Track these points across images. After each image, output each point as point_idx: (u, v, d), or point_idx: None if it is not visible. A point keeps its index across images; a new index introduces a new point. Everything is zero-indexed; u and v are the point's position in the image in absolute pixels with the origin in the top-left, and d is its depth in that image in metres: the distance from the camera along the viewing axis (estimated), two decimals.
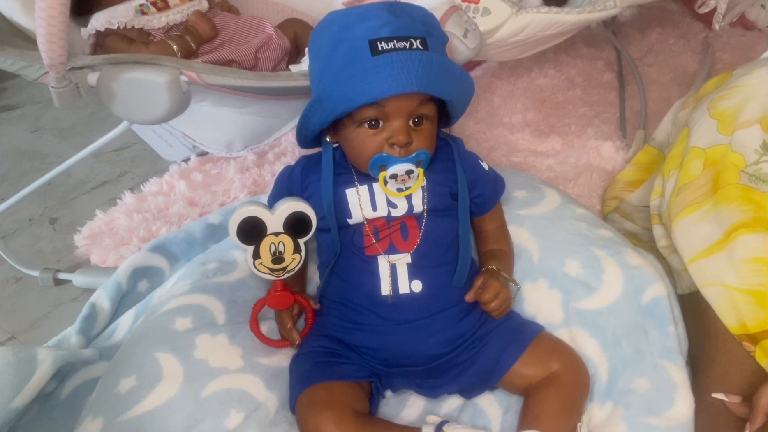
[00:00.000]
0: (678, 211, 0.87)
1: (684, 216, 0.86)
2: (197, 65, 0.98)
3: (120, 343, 0.89)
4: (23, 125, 1.81)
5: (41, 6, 0.77)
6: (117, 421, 0.73)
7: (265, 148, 1.43)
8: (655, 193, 0.97)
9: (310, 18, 1.44)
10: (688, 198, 0.87)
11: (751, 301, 0.76)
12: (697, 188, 0.87)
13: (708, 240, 0.82)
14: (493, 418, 0.81)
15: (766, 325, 0.74)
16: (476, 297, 0.81)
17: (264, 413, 0.76)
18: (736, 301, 0.77)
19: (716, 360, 0.79)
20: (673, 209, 0.88)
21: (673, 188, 0.91)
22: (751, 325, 0.75)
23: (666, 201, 0.92)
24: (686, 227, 0.85)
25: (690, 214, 0.85)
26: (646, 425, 0.74)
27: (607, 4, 1.13)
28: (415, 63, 0.71)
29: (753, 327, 0.75)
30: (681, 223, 0.86)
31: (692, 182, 0.88)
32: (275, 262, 0.80)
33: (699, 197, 0.86)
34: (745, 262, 0.77)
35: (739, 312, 0.76)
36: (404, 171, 0.76)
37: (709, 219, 0.83)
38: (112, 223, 1.28)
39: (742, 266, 0.77)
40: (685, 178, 0.89)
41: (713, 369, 0.78)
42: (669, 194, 0.91)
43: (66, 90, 0.90)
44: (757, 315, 0.75)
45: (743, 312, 0.76)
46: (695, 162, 0.89)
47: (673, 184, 0.91)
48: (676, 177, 0.91)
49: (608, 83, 1.61)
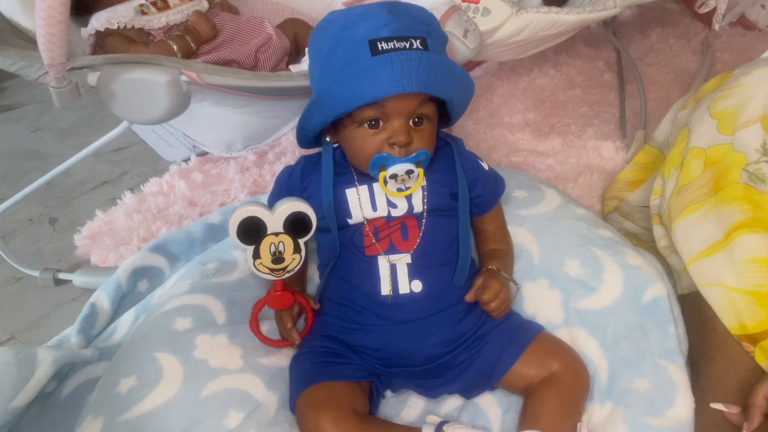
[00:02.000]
0: (678, 211, 0.87)
1: (684, 216, 0.86)
2: (197, 65, 0.98)
3: (120, 343, 0.89)
4: (23, 125, 1.81)
5: (41, 6, 0.78)
6: (117, 421, 0.73)
7: (265, 148, 1.43)
8: (655, 193, 0.97)
9: (310, 18, 1.44)
10: (688, 198, 0.87)
11: (750, 301, 0.76)
12: (698, 188, 0.87)
13: (708, 240, 0.81)
14: (493, 418, 0.81)
15: (765, 326, 0.74)
16: (476, 297, 0.81)
17: (264, 413, 0.76)
18: (736, 301, 0.77)
19: (715, 360, 0.79)
20: (674, 209, 0.88)
21: (673, 188, 0.91)
22: (750, 326, 0.75)
23: (666, 201, 0.92)
24: (686, 227, 0.85)
25: (690, 214, 0.85)
26: (646, 425, 0.74)
27: (607, 4, 1.13)
28: (415, 63, 0.71)
29: (752, 327, 0.75)
30: (681, 223, 0.86)
31: (693, 182, 0.88)
32: (275, 262, 0.80)
33: (699, 197, 0.86)
34: (744, 263, 0.77)
35: (738, 313, 0.76)
36: (404, 171, 0.76)
37: (710, 219, 0.82)
38: (112, 223, 1.28)
39: (741, 267, 0.77)
40: (686, 178, 0.89)
41: (711, 369, 0.78)
42: (669, 194, 0.91)
43: (66, 90, 0.90)
44: (756, 316, 0.75)
45: (743, 313, 0.76)
46: (696, 162, 0.89)
47: (673, 184, 0.91)
48: (677, 177, 0.91)
49: (608, 83, 1.61)
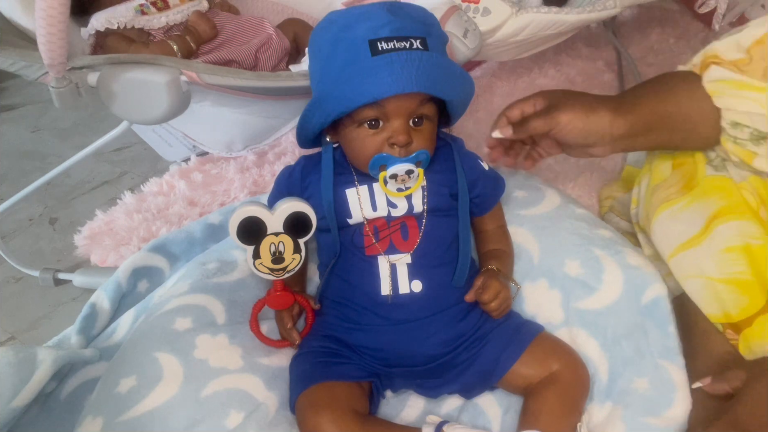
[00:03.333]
0: (654, 210, 0.88)
1: (661, 212, 0.87)
2: (197, 65, 0.98)
3: (120, 343, 0.89)
4: (23, 125, 1.81)
5: (41, 6, 0.77)
6: (117, 421, 0.73)
7: (265, 148, 1.43)
8: (633, 203, 0.98)
9: (310, 18, 1.44)
10: (662, 195, 0.88)
11: (733, 290, 0.76)
12: (669, 186, 0.88)
13: (687, 233, 0.82)
14: (493, 418, 0.81)
15: (749, 312, 0.75)
16: (476, 297, 0.81)
17: (264, 413, 0.76)
18: (719, 291, 0.77)
19: (695, 358, 0.79)
20: (650, 208, 0.89)
21: (645, 190, 0.92)
22: (734, 314, 0.76)
23: (641, 204, 0.93)
24: (663, 223, 0.86)
25: (666, 209, 0.86)
26: (644, 425, 0.74)
27: (607, 4, 1.13)
28: (415, 63, 0.71)
29: (736, 315, 0.76)
30: (658, 220, 0.87)
31: (664, 181, 0.89)
32: (275, 262, 0.80)
33: (672, 194, 0.87)
34: (722, 252, 0.78)
35: (722, 302, 0.77)
36: (404, 171, 0.76)
37: (688, 212, 0.83)
38: (112, 223, 1.28)
39: (719, 256, 0.78)
40: (657, 178, 0.91)
41: (694, 365, 0.79)
42: (643, 197, 0.93)
43: (66, 90, 0.90)
44: (739, 302, 0.76)
45: (726, 302, 0.76)
46: (664, 164, 0.91)
47: (645, 187, 0.93)
48: (648, 179, 0.93)
49: (608, 83, 1.60)
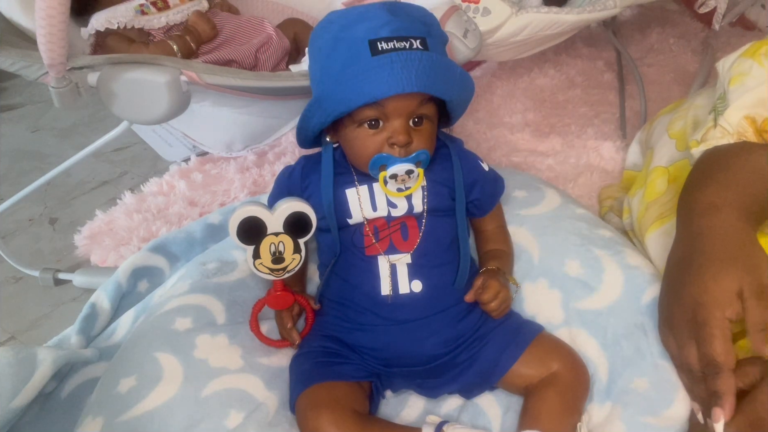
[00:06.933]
0: (648, 225, 0.89)
1: (654, 229, 0.88)
2: (197, 65, 0.98)
3: (120, 343, 0.89)
4: (23, 125, 1.81)
5: (41, 6, 0.78)
6: (117, 421, 0.73)
7: (265, 148, 1.43)
8: (625, 212, 0.99)
9: (310, 18, 1.44)
10: (656, 212, 0.89)
11: None
12: (664, 203, 0.89)
13: None
14: (493, 418, 0.81)
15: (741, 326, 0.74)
16: (476, 297, 0.81)
17: (264, 413, 0.76)
18: None
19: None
20: (643, 224, 0.90)
21: (639, 206, 0.93)
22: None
23: (635, 218, 0.94)
24: (657, 239, 0.87)
25: (660, 226, 0.87)
26: (644, 425, 0.74)
27: (607, 4, 1.13)
28: (415, 63, 0.71)
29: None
30: (652, 236, 0.88)
31: (658, 198, 0.90)
32: (275, 262, 0.80)
33: (666, 211, 0.87)
34: None
35: None
36: (404, 171, 0.76)
37: None
38: (112, 223, 1.28)
39: None
40: (651, 194, 0.92)
41: None
42: (636, 212, 0.94)
43: (66, 90, 0.90)
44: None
45: None
46: (660, 180, 0.92)
47: (638, 203, 0.93)
48: (641, 195, 0.94)
49: (608, 83, 1.61)
